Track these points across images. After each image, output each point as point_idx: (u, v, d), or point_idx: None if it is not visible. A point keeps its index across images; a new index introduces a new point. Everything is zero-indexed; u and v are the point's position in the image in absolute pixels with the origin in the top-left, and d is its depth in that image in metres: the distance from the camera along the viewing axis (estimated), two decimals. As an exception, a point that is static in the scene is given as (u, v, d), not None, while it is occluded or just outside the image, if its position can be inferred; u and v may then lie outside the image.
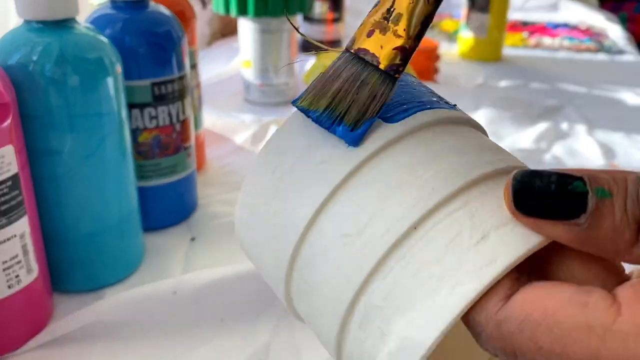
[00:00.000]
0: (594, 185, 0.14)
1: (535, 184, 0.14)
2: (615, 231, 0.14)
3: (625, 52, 1.03)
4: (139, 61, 0.42)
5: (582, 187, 0.14)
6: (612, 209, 0.14)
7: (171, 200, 0.47)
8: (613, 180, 0.14)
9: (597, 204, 0.14)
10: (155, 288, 0.38)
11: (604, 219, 0.14)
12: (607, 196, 0.14)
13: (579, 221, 0.14)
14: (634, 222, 0.14)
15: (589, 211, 0.14)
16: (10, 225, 0.32)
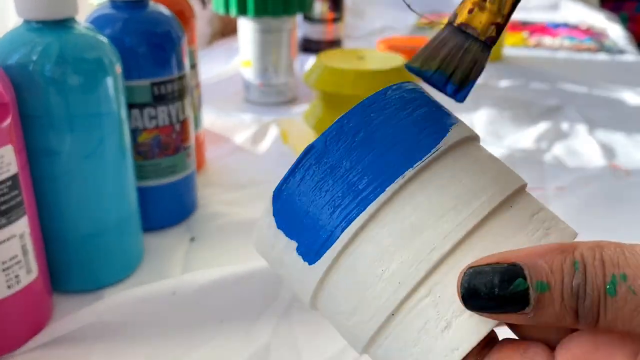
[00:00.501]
0: (534, 279, 0.16)
1: (480, 290, 0.16)
2: (557, 318, 0.16)
3: (625, 51, 1.03)
4: (139, 61, 0.42)
5: (523, 284, 0.16)
6: (552, 301, 0.16)
7: (171, 201, 0.47)
8: (551, 272, 0.16)
9: (538, 297, 0.16)
10: (155, 288, 0.38)
11: (545, 310, 0.16)
12: (545, 290, 0.16)
13: (525, 312, 0.16)
14: (572, 313, 0.16)
15: (532, 305, 0.16)
16: (9, 225, 0.32)
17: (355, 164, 0.18)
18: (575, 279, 0.15)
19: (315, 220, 0.19)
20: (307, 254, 0.19)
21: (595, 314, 0.15)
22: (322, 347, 0.36)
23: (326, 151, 0.19)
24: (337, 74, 0.52)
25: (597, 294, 0.15)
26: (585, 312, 0.15)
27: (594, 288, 0.15)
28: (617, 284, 0.15)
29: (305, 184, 0.19)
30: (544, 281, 0.16)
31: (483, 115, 0.72)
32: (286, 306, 0.39)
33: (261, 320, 0.38)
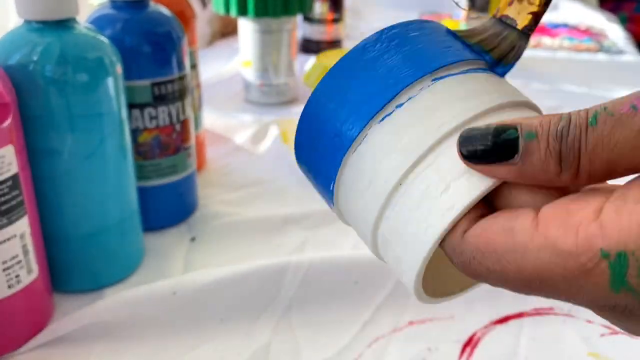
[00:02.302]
0: (525, 130, 0.17)
1: (476, 138, 0.18)
2: (542, 164, 0.17)
3: (624, 52, 1.03)
4: (139, 61, 0.42)
5: (514, 133, 0.17)
6: (538, 147, 0.17)
7: (171, 201, 0.47)
8: (540, 124, 0.17)
9: (526, 145, 0.17)
10: (155, 288, 0.38)
11: (532, 156, 0.17)
12: (533, 137, 0.17)
13: (514, 161, 0.17)
14: (556, 155, 0.17)
15: (520, 152, 0.17)
16: (10, 225, 0.32)
17: (388, 59, 0.21)
18: (560, 124, 0.17)
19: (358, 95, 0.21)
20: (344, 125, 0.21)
21: (577, 148, 0.17)
22: (322, 347, 0.36)
23: (364, 50, 0.22)
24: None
25: (579, 130, 0.17)
26: (567, 151, 0.17)
27: (577, 125, 0.17)
28: (598, 114, 0.17)
29: (344, 71, 0.22)
30: (532, 131, 0.17)
31: (483, 116, 0.72)
32: (286, 306, 0.39)
33: (261, 320, 0.38)
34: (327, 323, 0.38)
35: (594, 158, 0.17)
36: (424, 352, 0.36)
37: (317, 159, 0.22)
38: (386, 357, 0.35)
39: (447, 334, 0.37)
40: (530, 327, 0.38)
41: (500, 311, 0.39)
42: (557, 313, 0.39)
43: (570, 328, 0.38)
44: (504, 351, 0.36)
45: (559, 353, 0.36)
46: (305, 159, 0.23)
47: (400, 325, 0.38)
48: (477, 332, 0.37)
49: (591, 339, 0.37)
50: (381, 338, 0.37)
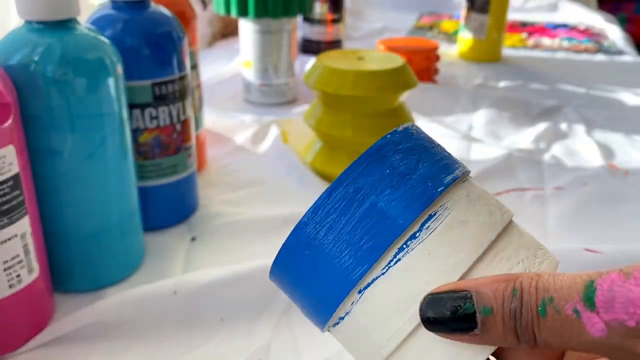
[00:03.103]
0: (480, 304, 0.18)
1: (436, 313, 0.18)
2: (502, 337, 0.18)
3: (624, 52, 1.04)
4: (140, 61, 0.42)
5: (471, 307, 0.18)
6: (495, 323, 0.18)
7: (172, 200, 0.47)
8: (494, 298, 0.18)
9: (483, 320, 0.18)
10: (155, 288, 0.38)
11: (490, 331, 0.18)
12: (489, 313, 0.18)
13: (474, 333, 0.18)
14: (512, 332, 0.18)
15: (479, 327, 0.18)
16: (11, 225, 0.32)
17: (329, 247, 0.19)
18: (512, 303, 0.18)
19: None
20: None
21: (532, 333, 0.18)
22: (322, 347, 0.36)
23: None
24: (337, 75, 0.52)
25: (530, 316, 0.17)
26: (523, 332, 0.18)
27: (529, 310, 0.17)
28: (546, 305, 0.17)
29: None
30: (487, 306, 0.18)
31: (482, 116, 0.73)
32: (286, 306, 0.39)
33: (261, 320, 0.38)
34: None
35: (549, 341, 0.18)
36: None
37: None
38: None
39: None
40: None
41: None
42: None
43: None
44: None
45: None
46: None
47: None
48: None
49: None
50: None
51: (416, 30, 1.17)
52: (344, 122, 0.53)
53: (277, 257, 0.20)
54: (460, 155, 0.62)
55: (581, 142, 0.66)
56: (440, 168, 0.20)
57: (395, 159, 0.20)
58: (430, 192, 0.19)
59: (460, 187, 0.20)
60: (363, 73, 0.52)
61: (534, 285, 0.18)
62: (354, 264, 0.19)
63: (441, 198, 0.20)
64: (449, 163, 0.20)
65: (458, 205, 0.20)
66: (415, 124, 0.22)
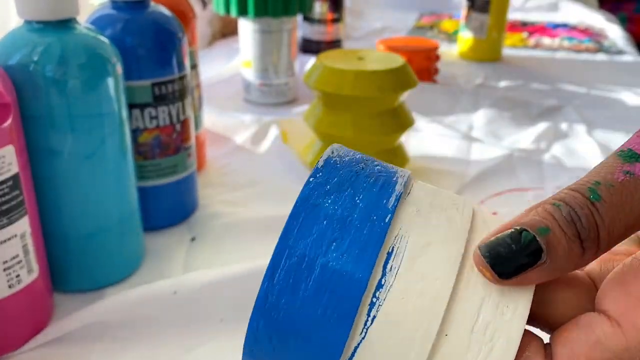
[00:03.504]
0: (534, 227, 0.17)
1: (502, 252, 0.17)
2: (567, 252, 0.17)
3: (624, 52, 1.03)
4: (140, 61, 0.42)
5: (529, 235, 0.17)
6: (557, 239, 0.17)
7: (171, 200, 0.47)
8: (543, 218, 0.17)
9: (546, 239, 0.17)
10: (155, 288, 0.38)
11: (557, 248, 0.17)
12: (548, 232, 0.17)
13: (542, 261, 0.17)
14: (576, 239, 0.17)
15: (545, 250, 0.17)
16: (11, 225, 0.32)
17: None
18: (562, 211, 0.17)
19: None
20: None
21: (594, 225, 0.17)
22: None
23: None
24: (337, 75, 0.52)
25: (587, 209, 0.17)
26: (586, 232, 0.17)
27: (582, 206, 0.17)
28: (595, 190, 0.17)
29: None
30: (542, 226, 0.17)
31: (482, 116, 0.72)
32: None
33: (261, 320, 0.38)
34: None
35: (612, 229, 0.17)
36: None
37: None
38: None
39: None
40: None
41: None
42: None
43: None
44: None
45: None
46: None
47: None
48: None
49: None
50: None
51: (416, 30, 1.17)
52: (344, 122, 0.53)
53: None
54: (460, 155, 0.62)
55: (582, 142, 0.66)
56: (378, 192, 0.18)
57: (328, 205, 0.18)
58: (379, 227, 0.17)
59: (408, 203, 0.19)
60: (363, 73, 0.52)
61: (567, 189, 0.17)
62: (328, 342, 0.17)
63: (392, 228, 0.18)
64: (386, 179, 0.19)
65: (412, 228, 0.18)
66: (335, 145, 0.20)
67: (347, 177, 0.18)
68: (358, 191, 0.18)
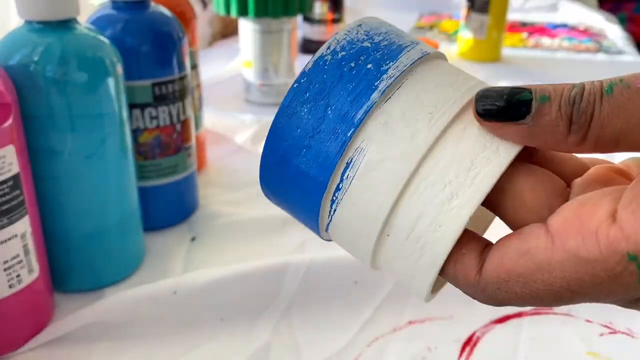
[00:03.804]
0: (539, 93, 0.18)
1: (492, 95, 0.18)
2: (552, 125, 0.18)
3: (624, 52, 1.04)
4: (140, 61, 0.42)
5: (529, 95, 0.18)
6: (550, 109, 0.18)
7: (171, 200, 0.47)
8: (554, 89, 0.18)
9: (539, 106, 0.18)
10: (155, 288, 0.38)
11: (543, 117, 0.18)
12: (546, 100, 0.18)
13: (524, 121, 0.18)
14: (566, 118, 0.17)
15: (532, 113, 0.18)
16: (11, 225, 0.32)
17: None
18: (574, 90, 0.18)
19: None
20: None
21: (589, 114, 0.17)
22: (322, 347, 0.36)
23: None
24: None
25: (592, 98, 0.17)
26: (579, 115, 0.17)
27: (591, 93, 0.17)
28: (614, 84, 0.17)
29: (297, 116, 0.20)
30: (546, 94, 0.18)
31: (482, 116, 0.72)
32: (286, 306, 0.39)
33: (261, 320, 0.38)
34: (327, 323, 0.38)
35: (606, 124, 0.17)
36: (424, 352, 0.36)
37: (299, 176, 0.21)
38: (386, 356, 0.35)
39: (446, 333, 0.37)
40: (529, 327, 0.38)
41: (499, 311, 0.39)
42: (556, 312, 0.39)
43: (570, 327, 0.38)
44: (503, 350, 0.36)
45: (558, 352, 0.36)
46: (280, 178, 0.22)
47: (399, 325, 0.38)
48: (476, 332, 0.37)
49: (590, 339, 0.37)
50: (381, 338, 0.37)
51: (416, 30, 1.17)
52: (344, 122, 0.53)
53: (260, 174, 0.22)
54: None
55: (581, 142, 0.66)
56: (351, 103, 0.19)
57: (303, 114, 0.20)
58: (340, 140, 0.19)
59: (381, 112, 0.19)
60: (363, 73, 0.52)
61: (599, 80, 0.18)
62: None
63: (354, 141, 0.19)
64: (368, 83, 0.19)
65: (373, 142, 0.19)
66: (362, 22, 0.22)
67: (328, 83, 0.20)
68: (332, 102, 0.19)
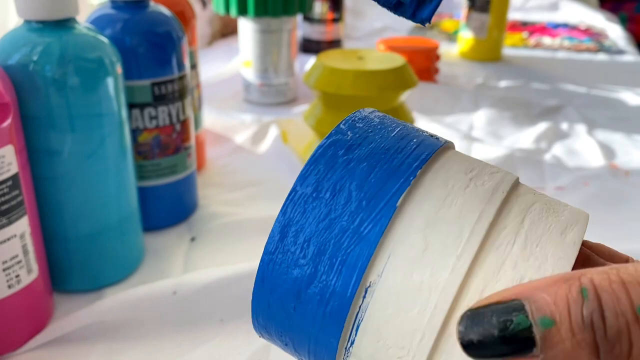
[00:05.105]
0: (537, 315, 0.14)
1: (480, 334, 0.14)
2: (571, 356, 0.13)
3: (625, 52, 1.03)
4: (139, 61, 0.42)
5: (525, 321, 0.14)
6: (561, 337, 0.13)
7: (171, 201, 0.47)
8: (555, 305, 0.14)
9: (544, 335, 0.14)
10: (155, 288, 0.38)
11: (555, 348, 0.14)
12: (550, 325, 0.14)
13: (534, 354, 0.14)
14: (587, 346, 0.13)
15: (539, 345, 0.14)
16: (10, 225, 0.32)
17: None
18: (585, 308, 0.13)
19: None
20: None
21: (626, 343, 0.13)
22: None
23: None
24: (337, 74, 0.52)
25: (624, 320, 0.13)
26: (609, 344, 0.13)
27: (619, 313, 0.13)
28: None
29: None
30: (547, 317, 0.14)
31: (483, 116, 0.72)
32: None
33: (261, 320, 0.38)
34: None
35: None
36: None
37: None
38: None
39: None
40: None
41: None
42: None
43: None
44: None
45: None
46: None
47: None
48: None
49: None
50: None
51: (416, 30, 1.17)
52: (344, 122, 0.53)
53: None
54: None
55: (582, 142, 0.66)
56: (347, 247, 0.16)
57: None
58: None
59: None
60: (363, 73, 0.52)
61: (616, 279, 0.13)
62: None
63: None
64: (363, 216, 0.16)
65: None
66: (354, 117, 0.18)
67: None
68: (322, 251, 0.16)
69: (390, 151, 0.17)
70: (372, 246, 0.15)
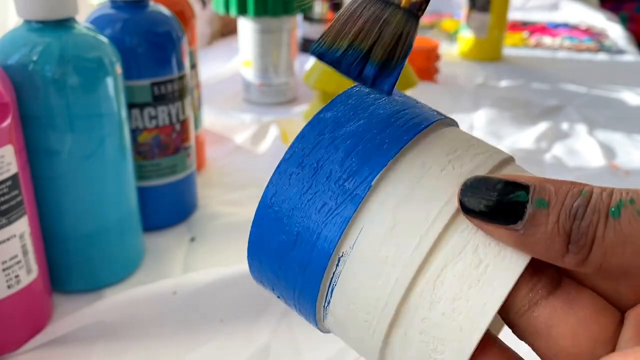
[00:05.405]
0: (536, 195, 0.15)
1: (480, 188, 0.15)
2: (546, 239, 0.15)
3: (625, 52, 1.03)
4: (139, 61, 0.42)
5: (524, 196, 0.15)
6: (546, 219, 0.15)
7: (171, 201, 0.47)
8: (554, 192, 0.15)
9: (534, 213, 0.15)
10: (155, 288, 0.38)
11: (537, 227, 0.15)
12: (544, 206, 0.15)
13: (516, 227, 0.15)
14: (564, 234, 0.15)
15: (525, 219, 0.15)
16: (9, 225, 0.32)
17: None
18: (577, 201, 0.15)
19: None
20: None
21: (590, 237, 0.14)
22: (322, 347, 0.36)
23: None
24: (337, 74, 0.52)
25: (597, 216, 0.14)
26: (579, 236, 0.15)
27: (596, 210, 0.14)
28: (622, 206, 0.14)
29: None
30: (545, 199, 0.15)
31: (483, 116, 0.72)
32: (286, 306, 0.39)
33: (261, 320, 0.38)
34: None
35: (610, 253, 0.14)
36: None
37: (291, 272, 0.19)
38: (386, 357, 0.35)
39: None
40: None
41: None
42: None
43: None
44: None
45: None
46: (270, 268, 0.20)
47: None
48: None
49: None
50: (381, 338, 0.37)
51: (417, 30, 1.17)
52: (344, 122, 0.53)
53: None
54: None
55: (582, 141, 0.66)
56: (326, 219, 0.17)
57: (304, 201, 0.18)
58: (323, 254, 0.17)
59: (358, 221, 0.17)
60: (363, 72, 0.52)
61: (608, 190, 0.15)
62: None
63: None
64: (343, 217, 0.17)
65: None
66: (346, 94, 0.19)
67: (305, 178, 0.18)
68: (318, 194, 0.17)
69: (376, 129, 0.18)
70: (345, 221, 0.17)
